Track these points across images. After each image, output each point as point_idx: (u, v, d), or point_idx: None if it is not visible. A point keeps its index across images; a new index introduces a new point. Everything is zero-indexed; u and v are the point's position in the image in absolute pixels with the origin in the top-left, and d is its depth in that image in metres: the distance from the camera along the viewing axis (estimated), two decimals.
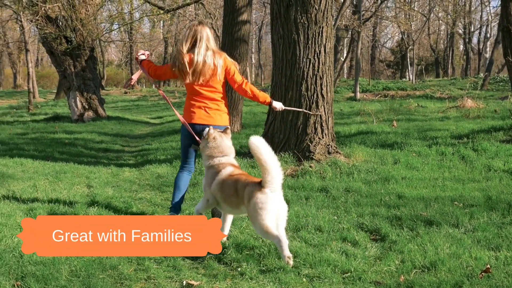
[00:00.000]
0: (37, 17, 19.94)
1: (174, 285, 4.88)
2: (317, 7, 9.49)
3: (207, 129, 6.30)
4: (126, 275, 5.03)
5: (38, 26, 20.64)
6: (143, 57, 6.92)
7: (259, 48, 57.83)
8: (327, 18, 9.63)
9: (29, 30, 34.66)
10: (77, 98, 21.63)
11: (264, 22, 55.58)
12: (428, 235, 5.87)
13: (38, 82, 50.96)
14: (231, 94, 15.63)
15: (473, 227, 6.17)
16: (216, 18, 32.87)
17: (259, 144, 5.39)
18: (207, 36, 6.59)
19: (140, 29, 46.99)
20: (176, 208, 6.62)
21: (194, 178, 8.94)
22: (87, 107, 21.88)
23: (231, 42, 15.51)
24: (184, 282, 4.90)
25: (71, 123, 21.01)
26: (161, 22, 46.68)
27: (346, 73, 57.91)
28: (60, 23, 21.36)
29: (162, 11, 21.49)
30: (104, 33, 28.11)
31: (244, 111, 17.10)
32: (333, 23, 10.19)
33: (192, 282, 4.88)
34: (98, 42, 25.64)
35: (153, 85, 9.33)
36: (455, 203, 7.24)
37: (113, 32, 30.84)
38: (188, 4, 22.22)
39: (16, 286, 4.74)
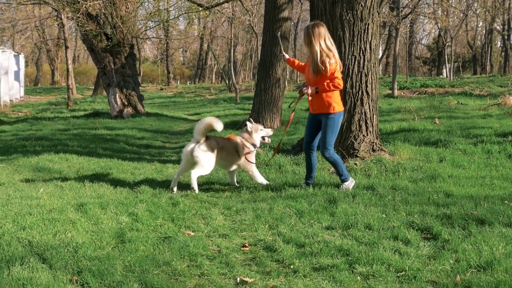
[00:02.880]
0: (78, 15, 20.16)
1: (227, 282, 4.88)
2: (363, 4, 9.43)
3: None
4: (180, 271, 5.05)
5: (79, 24, 20.87)
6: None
7: (295, 45, 57.65)
8: (373, 15, 9.56)
9: (68, 28, 35.03)
10: (117, 94, 21.84)
11: (300, 18, 55.41)
12: (481, 234, 5.78)
13: (75, 79, 51.52)
14: (271, 91, 15.66)
15: None
16: (254, 15, 32.85)
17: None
18: None
19: (176, 26, 47.18)
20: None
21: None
22: (126, 103, 22.08)
23: (272, 39, 15.51)
24: (238, 279, 4.90)
25: (111, 119, 21.24)
26: (197, 19, 46.81)
27: (382, 70, 57.52)
28: (101, 21, 21.58)
29: (201, 8, 21.56)
30: (144, 30, 28.31)
31: (283, 107, 17.06)
32: None
33: (246, 279, 4.88)
34: (135, 39, 25.78)
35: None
36: (506, 202, 7.13)
37: (148, 29, 30.92)
38: (228, 1, 22.27)
39: (73, 280, 4.79)
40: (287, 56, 9.09)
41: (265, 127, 9.17)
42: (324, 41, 7.72)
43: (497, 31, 58.89)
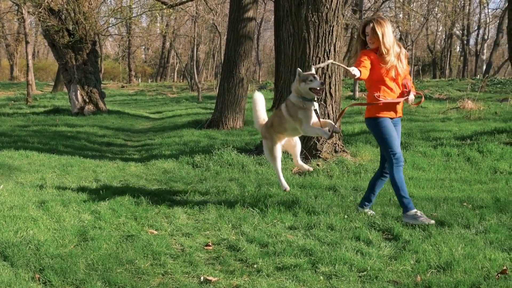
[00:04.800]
0: (39, 10, 19.91)
1: (191, 281, 4.89)
2: (328, 6, 9.51)
3: None
4: (143, 270, 5.04)
5: (41, 19, 20.63)
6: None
7: (258, 45, 57.76)
8: (337, 17, 9.66)
9: (29, 23, 34.53)
10: (78, 91, 21.64)
11: (263, 19, 55.55)
12: (440, 236, 5.89)
13: (35, 75, 50.78)
14: (235, 91, 15.69)
15: (484, 228, 6.19)
16: (217, 14, 32.83)
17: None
18: None
19: (139, 23, 46.87)
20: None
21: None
22: (87, 100, 21.90)
23: (236, 38, 15.55)
24: (202, 278, 4.91)
25: (72, 116, 21.05)
26: (160, 16, 46.57)
27: (344, 72, 57.92)
28: (63, 16, 21.35)
29: (165, 6, 21.47)
30: (107, 26, 28.08)
31: (246, 107, 17.10)
32: None
33: (210, 278, 4.89)
34: (98, 35, 25.57)
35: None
36: (464, 204, 7.27)
37: (110, 26, 30.69)
38: (192, 0, 22.21)
39: (36, 278, 4.75)
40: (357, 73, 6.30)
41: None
42: None
43: (457, 35, 59.82)
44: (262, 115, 7.56)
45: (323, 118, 7.52)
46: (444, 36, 60.64)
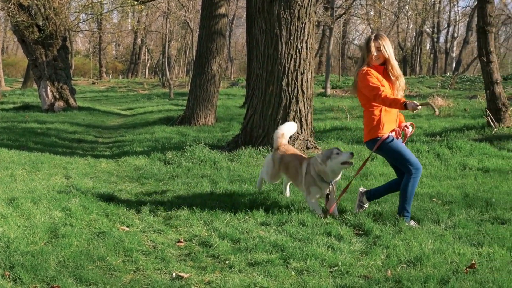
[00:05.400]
0: (9, 5, 19.65)
1: (163, 277, 4.88)
2: (300, 3, 9.55)
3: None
4: (115, 267, 5.02)
5: (10, 14, 20.35)
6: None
7: (230, 42, 57.69)
8: (309, 14, 9.70)
9: None
10: (48, 87, 21.42)
11: (235, 15, 55.51)
12: (410, 231, 5.95)
13: (4, 71, 50.19)
14: (206, 88, 15.66)
15: (454, 223, 6.27)
16: (189, 10, 32.71)
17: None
18: None
19: (110, 19, 46.54)
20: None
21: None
22: (58, 97, 21.69)
23: (208, 35, 15.54)
24: (174, 274, 4.90)
25: (42, 112, 20.83)
26: (131, 13, 46.29)
27: (315, 69, 58.14)
28: (33, 11, 21.11)
29: (136, 2, 21.34)
30: (78, 22, 27.83)
31: (218, 104, 17.12)
32: None
33: (182, 274, 4.89)
34: (68, 31, 25.33)
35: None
36: (434, 199, 7.35)
37: (81, 21, 30.41)
38: None
39: (6, 276, 4.70)
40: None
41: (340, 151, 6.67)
42: None
43: (427, 33, 60.38)
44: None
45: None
46: (414, 33, 61.13)
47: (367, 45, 6.51)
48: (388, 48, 6.44)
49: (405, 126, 6.59)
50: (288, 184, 7.53)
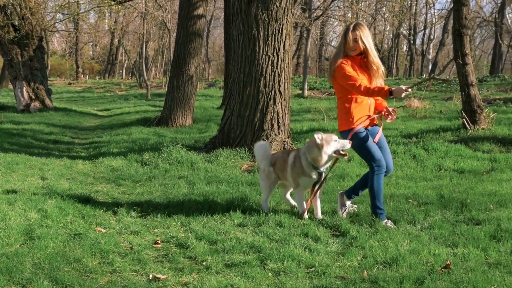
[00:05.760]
0: None
1: (140, 279, 4.87)
2: (278, 4, 9.57)
3: None
4: (91, 268, 4.99)
5: None
6: None
7: (207, 43, 57.64)
8: (287, 15, 9.72)
9: None
10: (24, 88, 21.24)
11: (213, 16, 55.48)
12: (387, 232, 5.99)
13: None
14: (184, 88, 15.65)
15: (429, 224, 6.32)
16: (167, 10, 32.61)
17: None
18: None
19: (87, 19, 46.25)
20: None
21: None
22: (33, 97, 21.52)
23: (186, 36, 15.51)
24: (151, 276, 4.89)
25: (17, 113, 20.65)
26: (108, 13, 46.06)
27: (293, 70, 58.26)
28: (8, 11, 20.93)
29: (113, 2, 21.25)
30: (54, 22, 27.63)
31: (195, 105, 17.09)
32: None
33: (159, 275, 4.88)
34: (44, 31, 25.14)
35: None
36: (410, 200, 7.41)
37: (57, 21, 30.15)
38: None
39: None
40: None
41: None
42: None
43: (404, 35, 60.77)
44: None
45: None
46: (391, 35, 61.55)
47: (345, 36, 6.51)
48: (366, 39, 6.45)
49: (387, 111, 6.58)
50: (288, 192, 7.14)
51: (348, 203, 6.86)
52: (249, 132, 9.93)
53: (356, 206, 6.97)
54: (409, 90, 6.20)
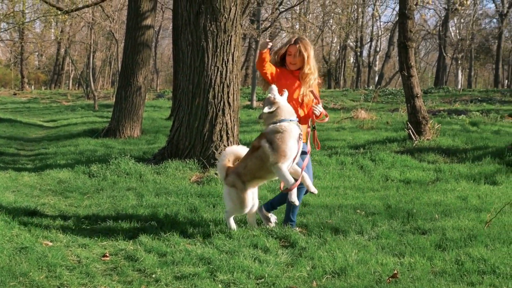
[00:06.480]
0: None
1: None
2: (226, 16, 9.61)
3: None
4: (38, 283, 4.90)
5: None
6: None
7: (155, 53, 57.37)
8: (236, 27, 9.76)
9: None
10: None
11: (161, 27, 55.28)
12: (335, 242, 6.05)
13: None
14: (132, 99, 15.54)
15: (377, 234, 6.42)
16: (114, 21, 32.34)
17: None
18: None
19: (32, 29, 45.59)
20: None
21: None
22: None
23: (134, 46, 15.42)
24: None
25: None
26: (55, 22, 45.45)
27: (241, 81, 58.43)
28: None
29: (60, 12, 20.99)
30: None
31: (144, 116, 16.97)
32: None
33: None
34: None
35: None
36: (358, 211, 7.51)
37: (2, 31, 29.62)
38: (88, 6, 21.84)
39: None
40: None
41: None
42: None
43: (351, 47, 61.62)
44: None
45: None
46: (338, 47, 62.27)
47: (284, 48, 6.56)
48: (306, 54, 6.43)
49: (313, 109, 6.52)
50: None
51: (270, 214, 6.81)
52: (198, 143, 9.91)
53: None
54: (270, 43, 6.32)
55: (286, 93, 6.25)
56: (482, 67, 68.70)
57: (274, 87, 6.24)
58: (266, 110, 6.12)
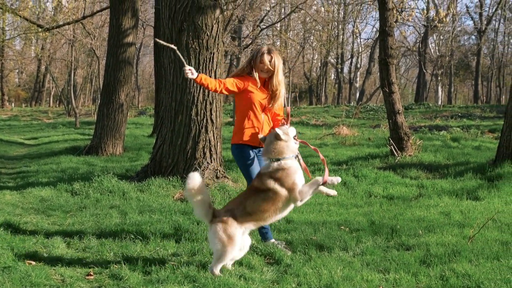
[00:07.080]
0: None
1: None
2: (208, 33, 9.65)
3: None
4: None
5: None
6: None
7: (137, 70, 57.29)
8: (218, 44, 9.80)
9: None
10: None
11: (142, 44, 55.28)
12: (320, 259, 6.07)
13: None
14: (114, 117, 15.52)
15: (361, 250, 6.44)
16: (96, 38, 32.30)
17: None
18: None
19: (12, 46, 45.41)
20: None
21: None
22: None
23: (116, 64, 15.40)
24: None
25: None
26: (35, 39, 45.28)
27: (223, 98, 58.43)
28: None
29: (40, 29, 20.93)
30: None
31: (126, 133, 16.92)
32: None
33: None
34: None
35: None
36: (342, 227, 7.53)
37: None
38: (69, 23, 21.81)
39: None
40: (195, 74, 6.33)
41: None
42: None
43: (331, 64, 61.90)
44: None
45: None
46: (319, 64, 62.58)
47: (255, 58, 6.52)
48: (277, 64, 6.47)
49: (282, 122, 6.56)
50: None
51: (271, 241, 6.64)
52: (181, 161, 9.90)
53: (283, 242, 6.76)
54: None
55: (294, 131, 6.26)
56: (461, 83, 69.36)
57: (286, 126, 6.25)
58: (280, 133, 5.97)
